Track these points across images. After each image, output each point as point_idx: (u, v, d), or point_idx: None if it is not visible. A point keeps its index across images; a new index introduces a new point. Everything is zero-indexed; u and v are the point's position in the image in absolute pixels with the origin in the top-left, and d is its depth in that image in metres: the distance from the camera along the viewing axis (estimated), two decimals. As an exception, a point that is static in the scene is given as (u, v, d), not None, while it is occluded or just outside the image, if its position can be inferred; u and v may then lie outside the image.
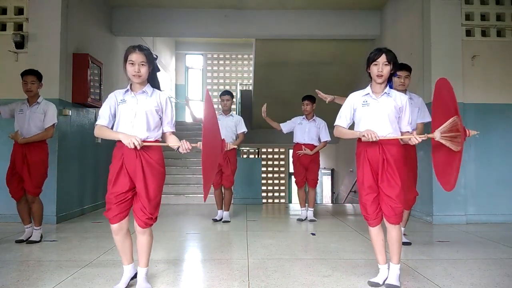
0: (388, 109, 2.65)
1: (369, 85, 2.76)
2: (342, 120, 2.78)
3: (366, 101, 2.70)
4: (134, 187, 2.52)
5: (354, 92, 2.82)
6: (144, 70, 2.52)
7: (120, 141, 2.49)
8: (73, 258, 3.38)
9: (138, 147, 2.42)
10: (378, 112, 2.66)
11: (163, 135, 2.66)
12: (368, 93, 2.72)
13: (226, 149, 2.72)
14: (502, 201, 5.29)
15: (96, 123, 2.58)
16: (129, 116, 2.53)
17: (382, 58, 2.62)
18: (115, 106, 2.56)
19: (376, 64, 2.64)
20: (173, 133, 2.66)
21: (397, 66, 2.76)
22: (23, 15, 5.21)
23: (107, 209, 2.52)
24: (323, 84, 9.57)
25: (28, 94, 4.01)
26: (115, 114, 2.57)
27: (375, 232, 2.71)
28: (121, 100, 2.57)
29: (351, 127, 2.84)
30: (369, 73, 2.72)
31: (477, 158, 5.32)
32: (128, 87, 2.60)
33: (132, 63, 2.50)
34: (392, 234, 2.65)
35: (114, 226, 2.51)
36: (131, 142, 2.40)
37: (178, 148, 2.54)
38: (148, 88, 2.60)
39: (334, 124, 2.83)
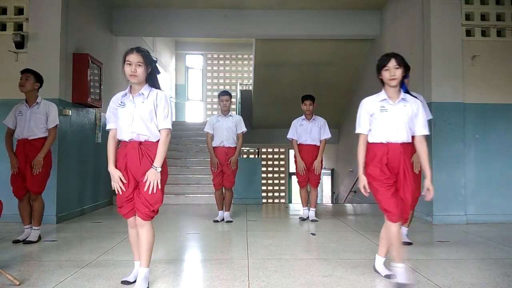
0: (405, 117, 2.70)
1: (383, 91, 2.78)
2: (363, 128, 2.81)
3: (384, 107, 2.73)
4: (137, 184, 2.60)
5: (367, 98, 2.84)
6: (140, 71, 2.52)
7: (124, 141, 2.58)
8: (73, 258, 3.38)
9: (120, 192, 2.57)
10: (396, 119, 2.71)
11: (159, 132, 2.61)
12: (385, 99, 2.74)
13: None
14: (502, 201, 5.29)
15: (107, 127, 2.66)
16: (127, 120, 2.56)
17: (392, 62, 2.66)
18: (115, 110, 2.62)
19: (387, 69, 2.68)
20: (168, 130, 2.58)
21: (408, 67, 2.83)
22: (23, 15, 5.21)
23: (119, 207, 2.64)
24: (323, 84, 9.61)
25: (21, 90, 3.97)
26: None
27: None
28: (119, 103, 2.60)
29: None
30: (381, 79, 2.75)
31: (477, 158, 5.32)
32: (128, 89, 2.62)
33: (129, 64, 2.51)
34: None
35: (130, 220, 2.65)
36: (115, 185, 2.56)
37: None
38: (145, 89, 2.59)
39: (357, 132, 2.84)
